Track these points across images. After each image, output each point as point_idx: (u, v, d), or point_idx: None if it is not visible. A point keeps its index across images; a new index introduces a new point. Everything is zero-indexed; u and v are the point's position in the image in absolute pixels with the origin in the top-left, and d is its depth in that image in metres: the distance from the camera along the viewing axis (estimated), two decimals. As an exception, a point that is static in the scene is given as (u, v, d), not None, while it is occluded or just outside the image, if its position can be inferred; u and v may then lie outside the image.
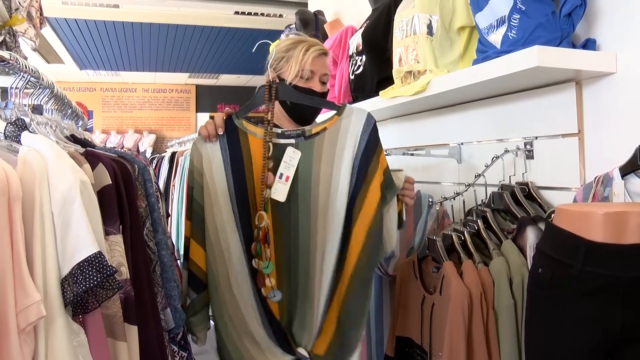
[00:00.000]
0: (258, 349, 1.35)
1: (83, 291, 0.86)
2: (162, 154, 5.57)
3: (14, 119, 1.05)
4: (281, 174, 1.34)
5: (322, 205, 1.36)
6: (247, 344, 1.35)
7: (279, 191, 1.33)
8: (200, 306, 1.39)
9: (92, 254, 0.86)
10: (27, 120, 1.08)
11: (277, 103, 1.45)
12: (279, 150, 1.36)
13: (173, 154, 4.49)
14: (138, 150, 9.96)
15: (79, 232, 0.87)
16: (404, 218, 1.48)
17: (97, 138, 9.54)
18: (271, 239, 1.34)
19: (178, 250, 3.33)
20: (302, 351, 1.35)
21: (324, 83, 1.52)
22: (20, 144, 0.98)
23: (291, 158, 1.35)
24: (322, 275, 1.35)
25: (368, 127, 1.40)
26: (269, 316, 1.35)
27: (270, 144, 1.34)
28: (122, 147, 9.83)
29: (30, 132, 1.05)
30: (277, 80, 1.45)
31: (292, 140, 1.37)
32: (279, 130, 1.39)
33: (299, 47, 1.50)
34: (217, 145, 1.36)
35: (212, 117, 1.42)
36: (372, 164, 1.38)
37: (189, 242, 1.37)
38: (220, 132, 1.36)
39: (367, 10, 2.55)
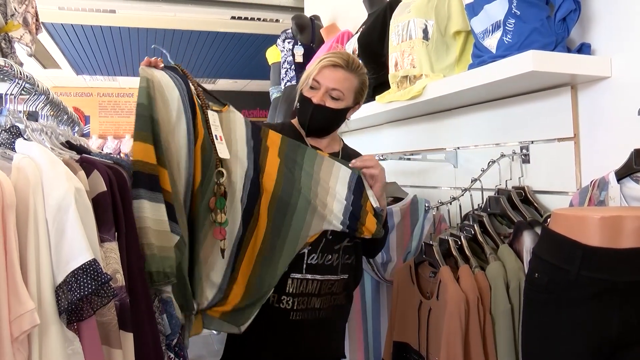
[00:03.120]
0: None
1: (78, 299, 0.85)
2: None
3: (8, 126, 1.05)
4: (216, 135, 1.37)
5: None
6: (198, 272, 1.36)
7: (222, 151, 1.37)
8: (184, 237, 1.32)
9: (87, 262, 0.86)
10: (21, 127, 1.08)
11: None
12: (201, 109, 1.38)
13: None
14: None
15: (73, 240, 0.86)
16: (377, 204, 1.50)
17: (94, 143, 9.52)
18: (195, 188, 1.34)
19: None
20: (193, 303, 1.35)
21: (334, 99, 1.49)
22: (15, 151, 0.98)
23: (214, 119, 1.40)
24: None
25: (247, 122, 1.49)
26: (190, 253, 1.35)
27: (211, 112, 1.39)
28: (119, 152, 9.82)
29: (25, 139, 1.04)
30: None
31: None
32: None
33: (320, 57, 1.52)
34: (166, 75, 1.30)
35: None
36: (261, 154, 1.46)
37: (157, 169, 1.21)
38: (161, 65, 1.32)
39: (363, 15, 2.55)
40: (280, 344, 1.48)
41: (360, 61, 1.57)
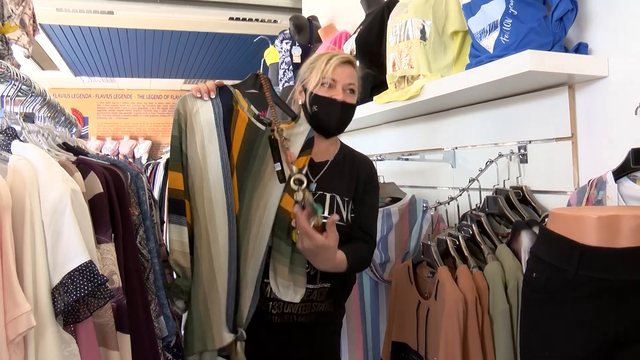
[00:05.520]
0: (215, 327, 1.35)
1: (74, 300, 0.85)
2: (158, 160, 5.56)
3: (4, 128, 1.05)
4: None
5: (265, 196, 1.42)
6: (210, 318, 1.35)
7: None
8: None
9: (83, 263, 0.86)
10: (18, 128, 1.08)
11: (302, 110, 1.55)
12: (252, 132, 1.41)
13: (168, 160, 4.47)
14: (134, 157, 9.94)
15: (69, 241, 0.86)
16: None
17: (92, 145, 9.52)
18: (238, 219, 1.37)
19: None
20: (242, 331, 1.37)
21: (352, 92, 1.53)
22: (11, 153, 0.98)
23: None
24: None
25: (308, 137, 1.49)
26: (236, 286, 1.35)
27: (280, 131, 1.41)
28: (118, 154, 9.81)
29: (21, 140, 1.04)
30: (302, 90, 1.55)
31: (263, 127, 1.42)
32: (256, 112, 1.43)
33: (323, 57, 1.52)
34: (208, 102, 1.36)
35: None
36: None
37: (182, 196, 1.33)
38: (213, 96, 1.37)
39: (360, 15, 2.55)
40: (263, 346, 1.48)
41: None
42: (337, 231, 1.34)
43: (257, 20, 5.49)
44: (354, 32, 2.46)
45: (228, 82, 1.43)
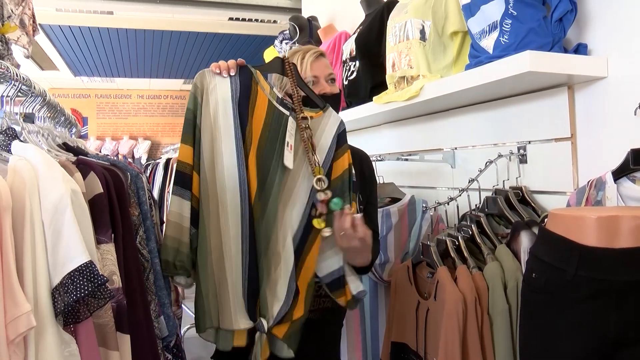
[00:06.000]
0: (226, 307, 1.30)
1: (74, 301, 0.86)
2: (157, 160, 5.56)
3: (4, 128, 1.05)
4: (287, 142, 1.37)
5: (291, 183, 1.38)
6: (220, 297, 1.30)
7: (287, 158, 1.35)
8: (197, 242, 1.33)
9: (83, 264, 0.86)
10: (18, 129, 1.08)
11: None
12: (275, 116, 1.37)
13: (168, 160, 4.48)
14: (133, 157, 9.95)
15: (69, 242, 0.86)
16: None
17: (92, 145, 9.53)
18: (252, 199, 1.33)
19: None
20: (263, 322, 1.31)
21: (332, 81, 1.54)
22: (11, 153, 0.98)
23: (292, 127, 1.38)
24: (285, 252, 1.35)
25: (339, 130, 1.46)
26: (251, 268, 1.31)
27: (304, 119, 1.38)
28: (117, 154, 9.82)
29: (21, 141, 1.04)
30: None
31: (287, 112, 1.39)
32: (280, 95, 1.40)
33: (294, 58, 1.51)
34: (227, 79, 1.34)
35: None
36: (338, 159, 1.44)
37: (191, 171, 1.31)
38: (232, 73, 1.35)
39: (360, 15, 2.56)
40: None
41: None
42: None
43: (256, 20, 5.50)
44: (354, 33, 2.46)
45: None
